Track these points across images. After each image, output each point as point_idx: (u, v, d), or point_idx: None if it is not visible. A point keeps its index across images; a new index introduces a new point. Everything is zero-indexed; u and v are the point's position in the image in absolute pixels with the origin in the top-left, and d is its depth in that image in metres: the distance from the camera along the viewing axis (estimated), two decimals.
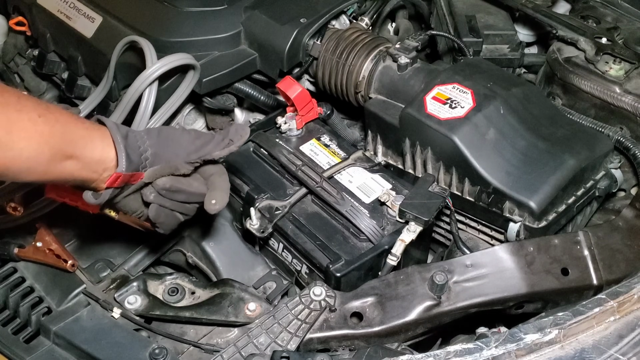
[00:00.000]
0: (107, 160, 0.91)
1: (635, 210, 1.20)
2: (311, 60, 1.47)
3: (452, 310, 1.06)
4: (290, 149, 1.31)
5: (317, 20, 1.45)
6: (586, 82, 1.41)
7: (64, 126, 0.88)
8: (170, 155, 0.97)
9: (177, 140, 1.00)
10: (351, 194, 1.22)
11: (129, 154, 0.92)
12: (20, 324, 1.09)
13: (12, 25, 1.67)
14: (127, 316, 1.06)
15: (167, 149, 0.98)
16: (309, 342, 1.03)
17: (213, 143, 1.00)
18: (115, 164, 0.91)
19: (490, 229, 1.25)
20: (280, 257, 1.22)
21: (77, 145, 0.88)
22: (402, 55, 1.35)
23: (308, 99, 1.33)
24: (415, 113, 1.25)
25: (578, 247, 1.13)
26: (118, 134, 0.92)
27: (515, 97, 1.26)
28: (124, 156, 0.91)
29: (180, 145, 0.99)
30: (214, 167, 1.04)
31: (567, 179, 1.18)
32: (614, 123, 1.38)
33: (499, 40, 1.58)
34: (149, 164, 0.95)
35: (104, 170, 0.91)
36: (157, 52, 1.33)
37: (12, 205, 1.13)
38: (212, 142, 1.01)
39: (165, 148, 0.98)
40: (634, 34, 1.45)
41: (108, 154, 0.91)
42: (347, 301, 1.06)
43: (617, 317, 0.96)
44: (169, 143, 0.99)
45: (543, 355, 0.92)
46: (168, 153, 0.97)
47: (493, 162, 1.19)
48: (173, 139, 1.00)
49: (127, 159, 0.91)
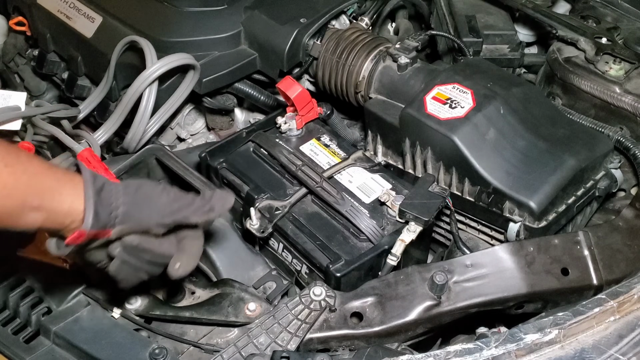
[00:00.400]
0: (75, 213, 0.86)
1: (635, 210, 1.20)
2: (311, 60, 1.47)
3: (452, 310, 1.06)
4: (290, 149, 1.31)
5: (317, 20, 1.45)
6: (586, 82, 1.41)
7: (31, 177, 0.84)
8: (143, 216, 0.92)
9: (154, 200, 0.94)
10: (351, 194, 1.22)
11: (98, 212, 0.87)
12: (20, 324, 1.08)
13: (12, 25, 1.68)
14: (127, 316, 1.06)
15: (141, 208, 0.92)
16: (309, 342, 1.03)
17: (192, 208, 0.95)
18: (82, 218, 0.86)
19: (490, 229, 1.25)
20: (280, 257, 1.23)
21: (44, 197, 0.85)
22: (402, 55, 1.35)
23: (308, 99, 1.33)
24: (415, 113, 1.25)
25: (578, 247, 1.13)
26: (91, 188, 0.87)
27: (515, 97, 1.26)
28: (92, 214, 0.86)
29: (156, 206, 0.93)
30: (190, 230, 0.98)
31: (567, 179, 1.18)
32: (614, 123, 1.38)
33: (499, 40, 1.58)
34: (118, 222, 0.89)
35: (71, 222, 0.87)
36: (157, 52, 1.34)
37: None
38: (192, 206, 0.95)
39: (140, 208, 0.92)
40: (634, 34, 1.45)
41: (77, 207, 0.86)
42: (347, 301, 1.06)
43: (617, 317, 0.96)
44: (145, 202, 0.93)
45: (543, 355, 0.92)
46: (141, 213, 0.92)
47: (493, 162, 1.19)
48: (150, 199, 0.94)
49: (94, 217, 0.86)
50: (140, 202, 0.92)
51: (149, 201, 0.93)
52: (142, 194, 0.93)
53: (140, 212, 0.92)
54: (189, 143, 1.59)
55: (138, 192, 0.93)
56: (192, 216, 0.95)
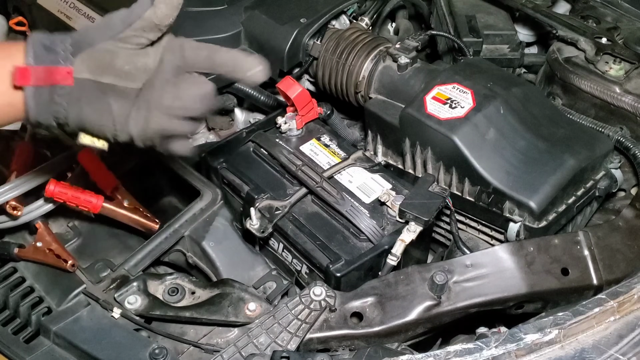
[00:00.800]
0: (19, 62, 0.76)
1: (635, 210, 1.20)
2: (311, 60, 1.47)
3: (452, 310, 1.06)
4: (290, 149, 1.31)
5: (317, 20, 1.45)
6: (586, 82, 1.41)
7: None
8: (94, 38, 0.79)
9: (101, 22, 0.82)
10: (351, 194, 1.22)
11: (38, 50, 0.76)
12: (20, 324, 1.09)
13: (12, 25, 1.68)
14: (127, 316, 1.06)
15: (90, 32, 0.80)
16: (309, 342, 1.03)
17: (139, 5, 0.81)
18: None
19: (490, 229, 1.25)
20: (280, 257, 1.23)
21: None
22: (402, 55, 1.35)
23: (308, 99, 1.33)
24: (415, 113, 1.25)
25: (578, 247, 1.13)
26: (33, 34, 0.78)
27: (515, 97, 1.26)
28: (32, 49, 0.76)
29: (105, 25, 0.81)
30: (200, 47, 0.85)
31: (567, 179, 1.18)
32: (614, 123, 1.38)
33: (499, 40, 1.58)
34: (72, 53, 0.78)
35: None
36: None
37: (12, 204, 1.13)
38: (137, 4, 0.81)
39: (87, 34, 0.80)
40: (634, 34, 1.45)
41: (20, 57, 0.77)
42: (347, 301, 1.06)
43: (617, 317, 0.96)
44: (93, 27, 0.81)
45: (543, 355, 0.92)
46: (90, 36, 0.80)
47: (493, 162, 1.19)
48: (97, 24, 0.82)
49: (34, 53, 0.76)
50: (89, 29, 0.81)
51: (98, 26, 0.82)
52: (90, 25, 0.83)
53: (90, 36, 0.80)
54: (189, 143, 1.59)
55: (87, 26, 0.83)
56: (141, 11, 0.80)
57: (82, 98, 0.79)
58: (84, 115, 0.80)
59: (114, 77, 0.80)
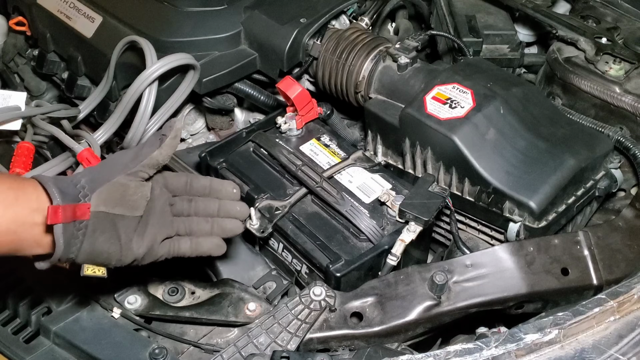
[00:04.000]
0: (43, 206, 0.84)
1: (635, 210, 1.20)
2: (311, 60, 1.47)
3: (452, 310, 1.06)
4: (290, 149, 1.31)
5: (317, 20, 1.45)
6: (586, 82, 1.41)
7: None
8: (107, 175, 0.90)
9: (112, 159, 0.95)
10: (351, 194, 1.22)
11: (61, 187, 0.85)
12: (20, 324, 1.08)
13: (12, 25, 1.68)
14: (127, 316, 1.06)
15: (102, 171, 0.92)
16: (309, 342, 1.03)
17: (147, 146, 0.95)
18: None
19: (490, 229, 1.25)
20: (280, 257, 1.23)
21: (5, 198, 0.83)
22: (402, 55, 1.35)
23: (308, 99, 1.33)
24: (415, 113, 1.25)
25: (578, 247, 1.13)
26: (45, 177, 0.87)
27: (515, 97, 1.26)
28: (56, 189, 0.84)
29: (116, 163, 0.93)
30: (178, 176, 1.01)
31: (567, 179, 1.18)
32: (614, 123, 1.38)
33: (499, 40, 1.58)
34: (89, 191, 0.87)
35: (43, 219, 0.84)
36: (157, 52, 1.34)
37: None
38: (146, 145, 0.96)
39: (100, 172, 0.91)
40: (634, 34, 1.45)
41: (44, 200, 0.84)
42: (347, 301, 1.06)
43: (617, 317, 0.96)
44: (103, 165, 0.94)
45: (543, 355, 0.92)
46: (104, 174, 0.91)
47: (493, 162, 1.19)
48: (107, 161, 0.95)
49: (59, 191, 0.84)
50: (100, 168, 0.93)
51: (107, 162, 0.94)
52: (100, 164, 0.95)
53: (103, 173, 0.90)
54: (189, 143, 1.59)
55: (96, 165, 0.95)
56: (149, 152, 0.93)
57: (97, 230, 0.87)
58: (96, 245, 0.88)
59: (124, 208, 0.90)
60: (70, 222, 0.84)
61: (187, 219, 1.00)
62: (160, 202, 0.96)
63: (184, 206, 1.00)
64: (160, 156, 0.94)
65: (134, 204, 0.91)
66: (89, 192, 0.87)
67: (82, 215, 0.85)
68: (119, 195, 0.90)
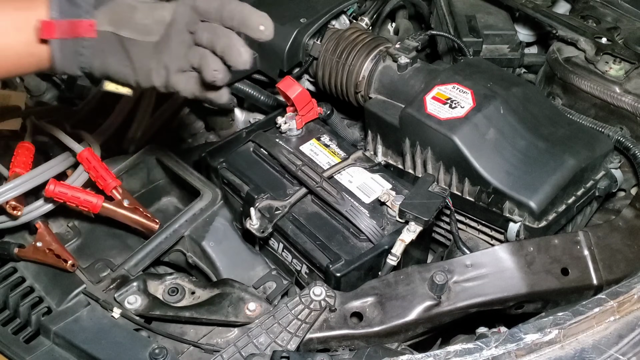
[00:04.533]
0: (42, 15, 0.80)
1: (635, 210, 1.20)
2: (311, 60, 1.47)
3: (452, 310, 1.06)
4: (290, 149, 1.31)
5: (317, 20, 1.45)
6: (586, 82, 1.41)
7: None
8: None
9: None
10: (351, 194, 1.22)
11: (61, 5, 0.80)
12: (20, 324, 1.09)
13: None
14: (127, 316, 1.06)
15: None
16: (309, 342, 1.03)
17: None
18: None
19: (490, 229, 1.25)
20: (280, 257, 1.23)
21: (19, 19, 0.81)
22: (402, 55, 1.35)
23: (308, 99, 1.33)
24: (415, 113, 1.25)
25: (578, 247, 1.13)
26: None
27: (515, 97, 1.26)
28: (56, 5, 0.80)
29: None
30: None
31: (567, 179, 1.18)
32: (614, 123, 1.38)
33: (499, 40, 1.58)
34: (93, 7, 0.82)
35: None
36: None
37: (12, 204, 1.13)
38: None
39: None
40: (634, 34, 1.45)
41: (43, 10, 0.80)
42: (347, 301, 1.06)
43: (617, 317, 0.96)
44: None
45: (543, 355, 0.92)
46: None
47: (493, 162, 1.19)
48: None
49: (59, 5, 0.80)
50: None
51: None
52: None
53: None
54: (189, 143, 1.59)
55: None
56: None
57: (105, 49, 0.83)
58: (108, 65, 0.84)
59: (133, 31, 0.83)
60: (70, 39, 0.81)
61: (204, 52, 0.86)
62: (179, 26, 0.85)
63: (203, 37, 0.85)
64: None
65: (146, 28, 0.84)
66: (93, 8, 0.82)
67: (86, 32, 0.81)
68: (127, 17, 0.84)
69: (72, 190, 1.14)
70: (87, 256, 1.21)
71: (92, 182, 1.20)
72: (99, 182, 1.20)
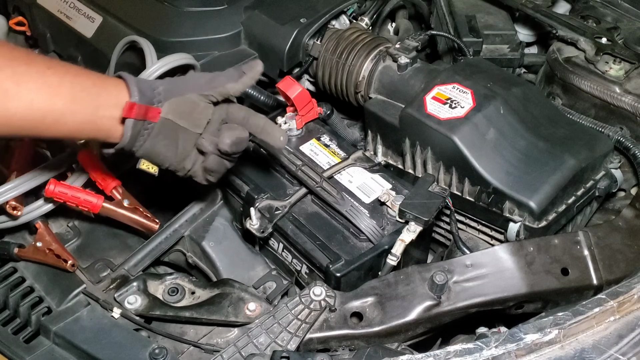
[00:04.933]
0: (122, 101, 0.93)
1: (635, 210, 1.20)
2: (311, 60, 1.47)
3: (452, 310, 1.06)
4: (290, 149, 1.31)
5: (317, 20, 1.45)
6: (586, 82, 1.41)
7: (74, 77, 0.91)
8: (183, 90, 0.99)
9: (189, 77, 1.04)
10: (351, 194, 1.22)
11: (141, 88, 0.94)
12: (20, 324, 1.09)
13: (12, 25, 1.68)
14: (127, 316, 1.06)
15: (179, 84, 1.00)
16: (309, 342, 1.03)
17: (225, 76, 1.02)
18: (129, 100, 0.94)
19: (490, 229, 1.25)
20: (280, 257, 1.22)
21: (90, 92, 0.92)
22: (402, 55, 1.35)
23: (308, 99, 1.33)
24: (415, 113, 1.25)
25: (578, 247, 1.13)
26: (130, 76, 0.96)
27: (515, 97, 1.26)
28: (136, 89, 0.93)
29: (193, 81, 1.01)
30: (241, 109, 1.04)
31: (567, 179, 1.18)
32: (614, 123, 1.38)
33: (499, 40, 1.58)
34: (163, 98, 0.96)
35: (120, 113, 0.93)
36: (157, 52, 1.34)
37: (12, 204, 1.13)
38: (224, 75, 1.02)
39: (177, 84, 1.00)
40: (634, 34, 1.45)
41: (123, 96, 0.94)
42: (347, 301, 1.06)
43: (617, 317, 0.96)
44: (182, 81, 1.02)
45: (543, 355, 0.92)
46: (180, 88, 0.99)
47: (493, 162, 1.19)
48: (185, 77, 1.04)
49: (139, 92, 0.93)
50: (178, 81, 1.02)
51: (184, 79, 1.03)
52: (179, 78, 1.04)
53: (179, 87, 0.99)
54: None
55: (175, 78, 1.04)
56: (227, 83, 1.00)
57: (160, 134, 0.97)
58: (155, 146, 0.98)
59: (188, 122, 0.99)
60: (140, 120, 0.94)
61: None
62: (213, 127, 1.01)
63: None
64: (233, 89, 1.01)
65: (198, 122, 1.00)
66: (163, 99, 0.97)
67: (153, 117, 0.95)
68: (188, 110, 0.98)
69: (72, 190, 1.14)
70: (87, 256, 1.21)
71: (92, 182, 1.20)
72: (99, 182, 1.20)
